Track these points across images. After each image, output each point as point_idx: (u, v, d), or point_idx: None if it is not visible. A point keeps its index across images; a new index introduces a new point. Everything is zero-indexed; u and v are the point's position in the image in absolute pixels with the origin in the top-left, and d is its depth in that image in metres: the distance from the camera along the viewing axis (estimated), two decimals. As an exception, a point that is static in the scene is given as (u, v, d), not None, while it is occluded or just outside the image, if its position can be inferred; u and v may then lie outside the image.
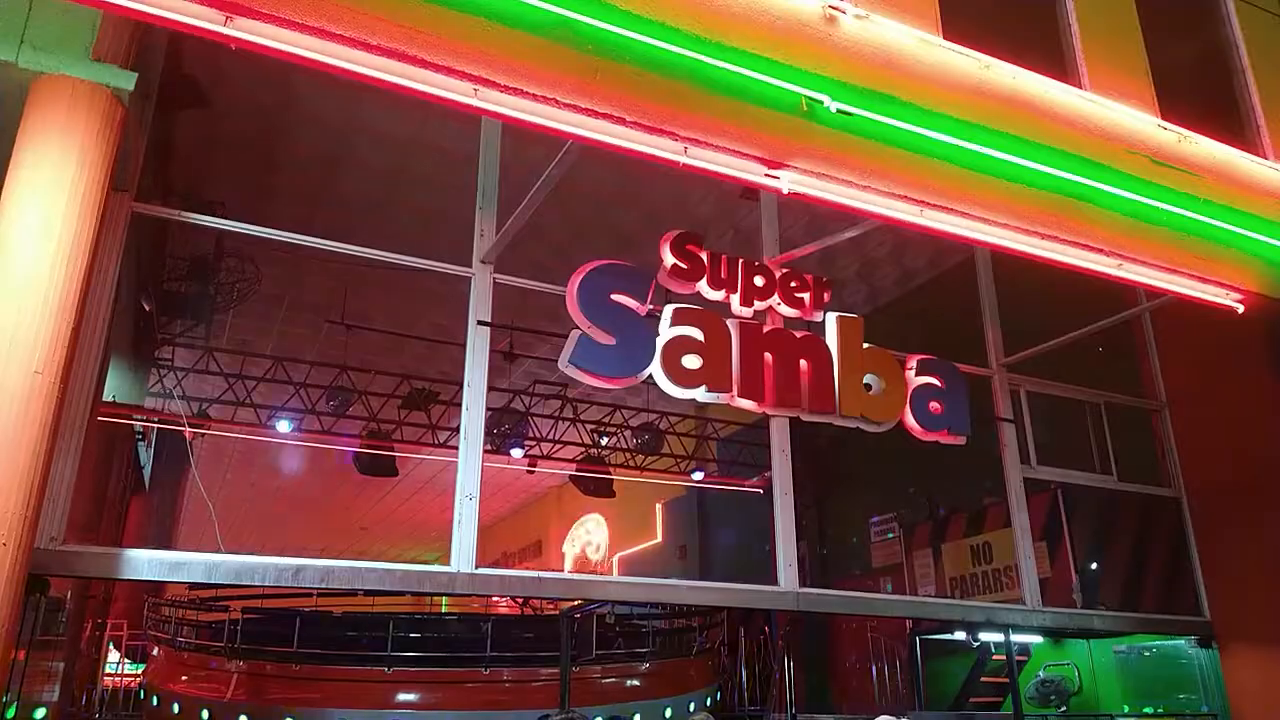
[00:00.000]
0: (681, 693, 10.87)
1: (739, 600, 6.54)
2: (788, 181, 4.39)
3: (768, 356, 6.38)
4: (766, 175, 4.36)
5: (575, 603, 8.34)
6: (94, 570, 4.87)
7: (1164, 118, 5.53)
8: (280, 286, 10.19)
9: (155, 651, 12.23)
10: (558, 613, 13.52)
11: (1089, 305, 7.76)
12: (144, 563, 4.88)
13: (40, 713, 7.86)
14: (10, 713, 5.14)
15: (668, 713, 10.75)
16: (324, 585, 5.27)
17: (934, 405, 6.74)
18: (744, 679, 12.66)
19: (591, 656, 10.14)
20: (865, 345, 6.67)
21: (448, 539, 5.75)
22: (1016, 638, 8.16)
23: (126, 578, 4.86)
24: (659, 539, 18.68)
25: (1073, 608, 7.74)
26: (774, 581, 6.53)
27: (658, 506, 19.17)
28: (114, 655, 13.14)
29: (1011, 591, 8.18)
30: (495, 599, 15.08)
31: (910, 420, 6.68)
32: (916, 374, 6.79)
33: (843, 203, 4.57)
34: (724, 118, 4.11)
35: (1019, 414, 7.98)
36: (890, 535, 11.45)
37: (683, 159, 4.16)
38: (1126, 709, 8.49)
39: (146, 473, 12.03)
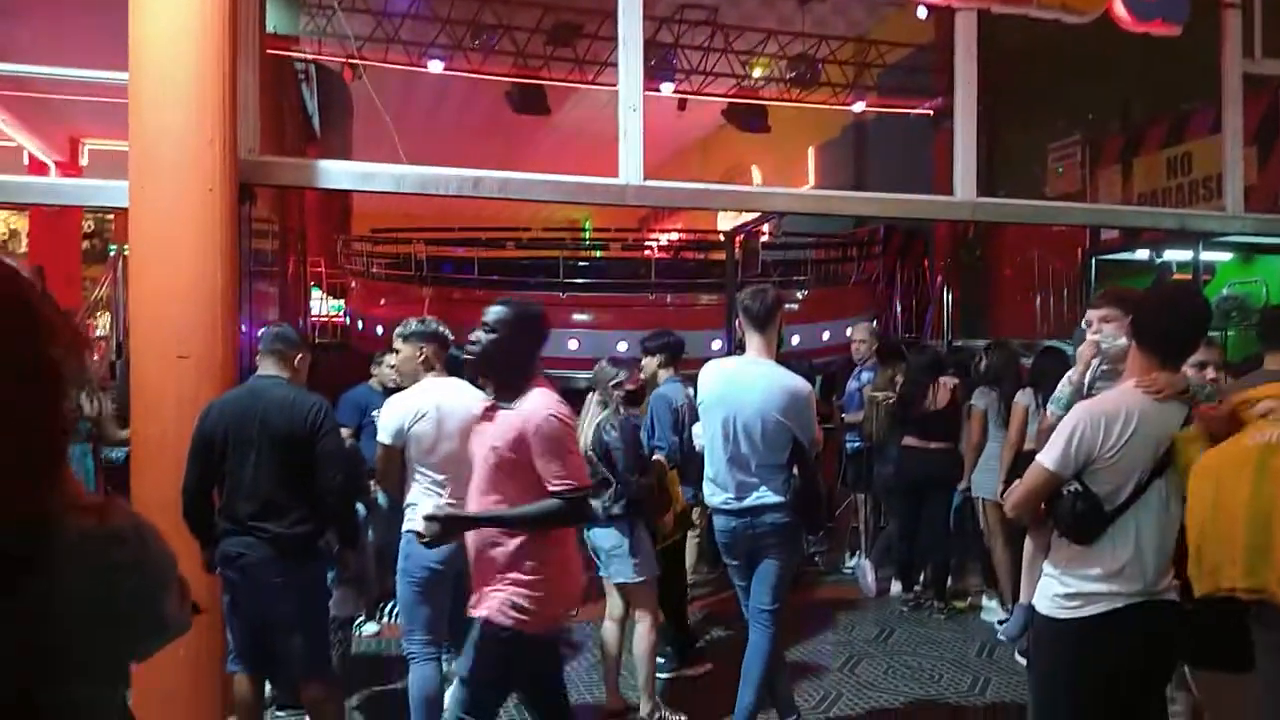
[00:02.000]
0: (838, 318, 11.18)
1: (912, 210, 6.35)
2: None
3: (957, -61, 5.58)
4: None
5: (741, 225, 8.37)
6: (292, 179, 5.16)
7: None
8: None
9: (353, 285, 13.57)
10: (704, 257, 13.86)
11: None
12: (337, 172, 5.12)
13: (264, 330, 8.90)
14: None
15: (825, 335, 11.18)
16: (502, 195, 5.40)
17: (1150, -11, 5.84)
18: (899, 311, 12.86)
19: (757, 272, 10.40)
20: (1074, -80, 5.71)
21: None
22: (1206, 255, 7.69)
23: (322, 186, 5.15)
24: (811, 184, 18.29)
25: (1280, 214, 7.13)
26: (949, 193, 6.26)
27: (810, 150, 18.53)
28: (316, 294, 14.65)
29: (1209, 204, 7.60)
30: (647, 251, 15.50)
31: (1119, 8, 5.85)
32: (1133, -48, 5.82)
33: None
34: None
35: (1249, -2, 6.86)
36: (1065, 164, 10.70)
37: None
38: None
39: (315, 121, 12.50)
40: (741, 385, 3.63)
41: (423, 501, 3.44)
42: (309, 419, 3.38)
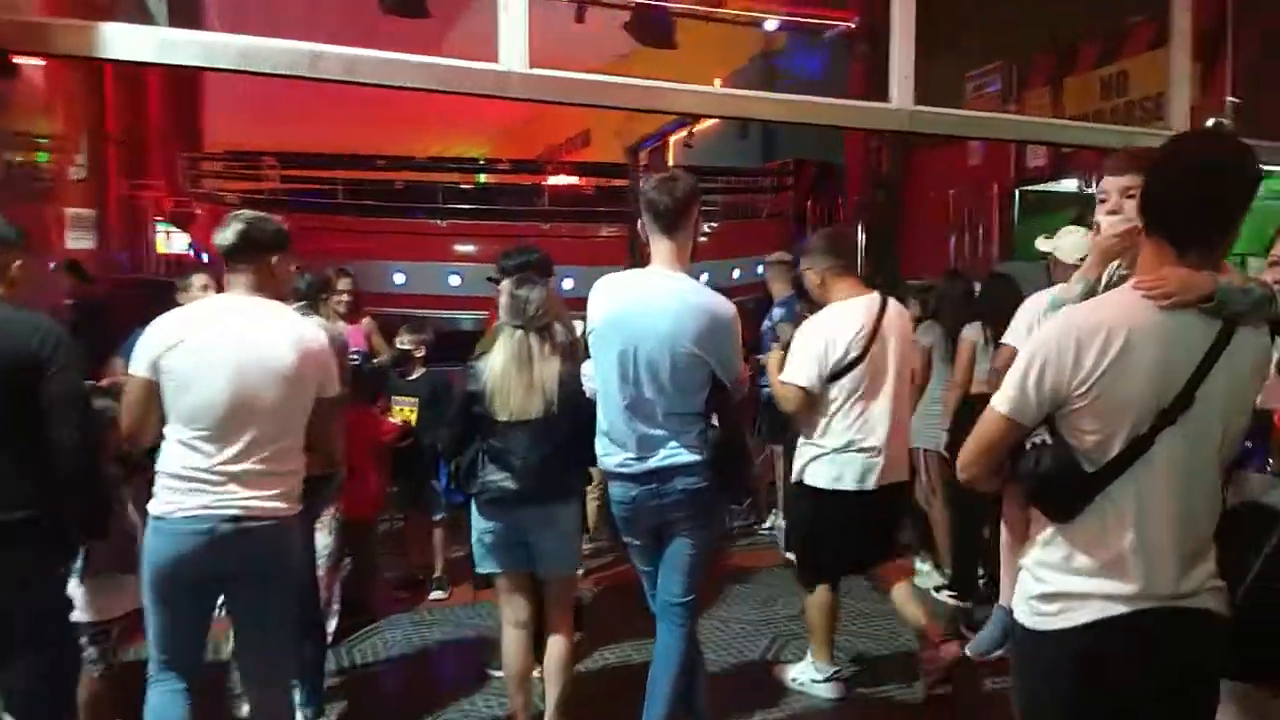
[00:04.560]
0: (750, 255, 10.43)
1: (840, 118, 5.51)
2: None
3: None
4: None
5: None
6: (66, 46, 3.94)
7: None
8: None
9: (198, 211, 11.94)
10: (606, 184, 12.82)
11: None
12: (126, 39, 3.92)
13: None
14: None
15: (735, 273, 10.42)
16: (348, 78, 4.31)
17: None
18: (811, 247, 12.20)
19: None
20: None
21: (493, 129, 4.62)
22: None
23: (104, 56, 3.93)
24: (717, 119, 17.41)
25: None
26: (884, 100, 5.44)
27: (717, 81, 17.64)
28: (161, 228, 12.94)
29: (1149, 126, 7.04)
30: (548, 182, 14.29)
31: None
32: None
33: None
34: None
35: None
36: (983, 96, 10.08)
37: None
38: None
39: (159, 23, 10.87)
40: (645, 307, 2.72)
41: (170, 464, 2.43)
42: (33, 349, 2.32)
